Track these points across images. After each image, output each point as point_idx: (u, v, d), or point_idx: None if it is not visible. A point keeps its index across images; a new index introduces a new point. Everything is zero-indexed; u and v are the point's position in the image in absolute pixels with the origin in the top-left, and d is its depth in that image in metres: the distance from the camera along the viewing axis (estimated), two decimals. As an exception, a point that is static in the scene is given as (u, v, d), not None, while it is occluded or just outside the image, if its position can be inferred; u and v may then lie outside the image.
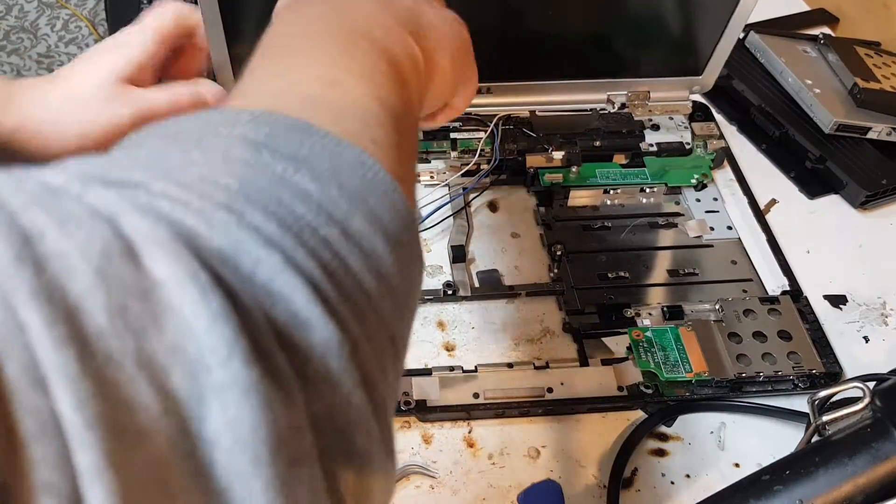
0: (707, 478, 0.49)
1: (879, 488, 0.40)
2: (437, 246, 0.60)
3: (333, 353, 0.18)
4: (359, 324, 0.19)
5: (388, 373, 0.21)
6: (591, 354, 0.54)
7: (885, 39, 0.79)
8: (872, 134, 0.67)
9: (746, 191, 0.66)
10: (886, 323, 0.58)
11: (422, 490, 0.47)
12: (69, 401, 0.14)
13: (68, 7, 1.67)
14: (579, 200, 0.63)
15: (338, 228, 0.19)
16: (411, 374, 0.52)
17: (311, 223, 0.19)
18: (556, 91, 0.63)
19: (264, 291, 0.17)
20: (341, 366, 0.18)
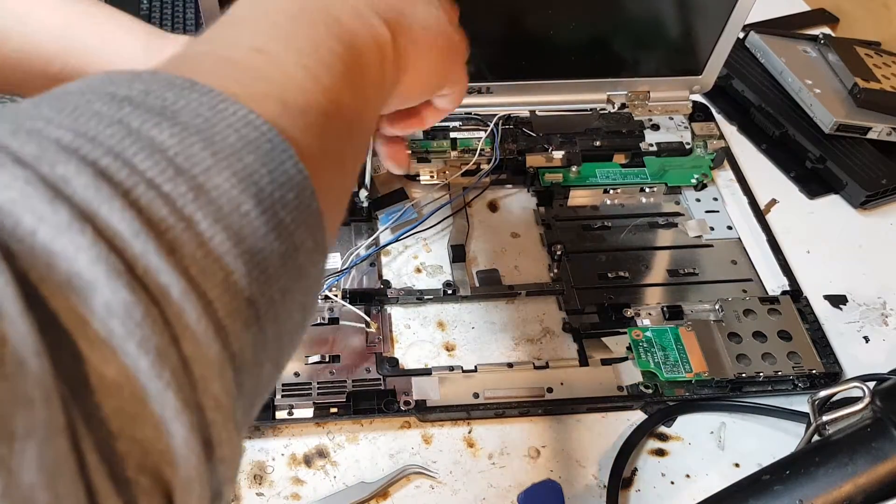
0: (707, 478, 0.49)
1: (879, 488, 0.40)
2: (436, 246, 0.60)
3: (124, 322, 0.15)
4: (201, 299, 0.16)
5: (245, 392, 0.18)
6: (590, 354, 0.54)
7: (885, 39, 0.79)
8: (872, 134, 0.67)
9: (746, 191, 0.66)
10: (886, 323, 0.58)
11: (422, 490, 0.47)
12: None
13: (68, 7, 1.67)
14: (579, 200, 0.63)
15: (188, 184, 0.17)
16: (411, 374, 0.52)
17: (155, 179, 0.17)
18: (556, 91, 0.63)
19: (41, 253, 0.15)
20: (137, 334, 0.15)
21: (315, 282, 0.21)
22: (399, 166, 0.42)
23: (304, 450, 0.48)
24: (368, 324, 0.53)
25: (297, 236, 0.20)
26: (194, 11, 0.81)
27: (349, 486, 0.47)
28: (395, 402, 0.50)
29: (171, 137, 0.18)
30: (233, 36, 0.23)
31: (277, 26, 0.24)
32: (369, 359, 0.52)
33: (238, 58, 0.22)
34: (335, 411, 0.49)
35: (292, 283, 0.20)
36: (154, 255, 0.16)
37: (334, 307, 0.54)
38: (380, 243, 0.58)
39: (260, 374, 0.19)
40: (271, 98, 0.21)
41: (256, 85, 0.21)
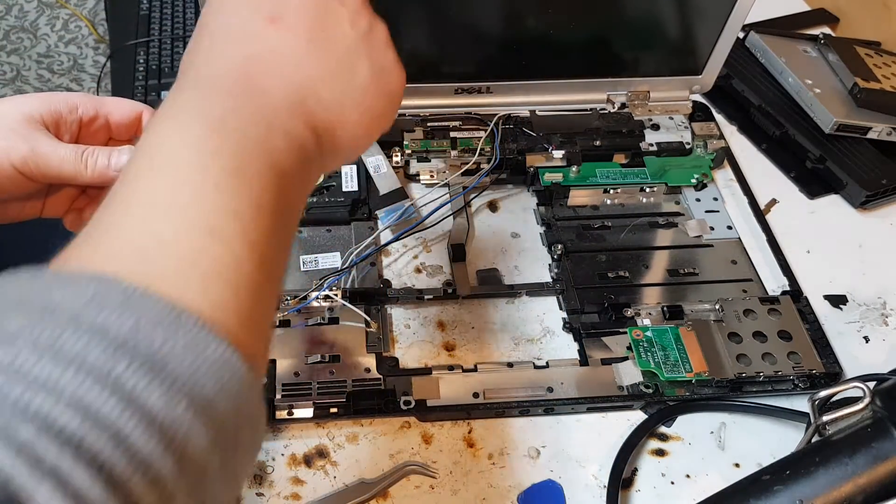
0: (707, 478, 0.49)
1: (879, 488, 0.40)
2: (437, 246, 0.60)
3: None
4: None
5: None
6: (590, 354, 0.54)
7: (885, 39, 0.79)
8: (872, 134, 0.67)
9: (746, 191, 0.66)
10: (886, 323, 0.58)
11: (422, 490, 0.47)
12: None
13: (68, 7, 1.67)
14: (579, 200, 0.63)
15: (173, 459, 0.20)
16: (411, 373, 0.52)
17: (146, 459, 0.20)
18: (556, 91, 0.63)
19: None
20: None
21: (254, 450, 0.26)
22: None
23: (303, 450, 0.48)
24: (368, 323, 0.53)
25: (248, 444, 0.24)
26: (194, 11, 0.81)
27: (349, 485, 0.47)
28: (395, 402, 0.50)
29: (160, 399, 0.20)
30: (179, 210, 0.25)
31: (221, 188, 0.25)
32: (369, 359, 0.52)
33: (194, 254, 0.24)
34: (335, 411, 0.49)
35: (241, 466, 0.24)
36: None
37: (334, 307, 0.54)
38: (380, 243, 0.58)
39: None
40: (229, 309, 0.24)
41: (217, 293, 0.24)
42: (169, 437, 0.20)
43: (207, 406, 0.21)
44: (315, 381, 0.50)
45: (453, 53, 0.61)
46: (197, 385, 0.21)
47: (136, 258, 0.23)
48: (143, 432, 0.20)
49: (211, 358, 0.22)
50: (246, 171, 0.26)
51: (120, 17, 0.82)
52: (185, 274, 0.23)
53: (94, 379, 0.20)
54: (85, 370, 0.20)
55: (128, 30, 0.80)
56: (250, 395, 0.23)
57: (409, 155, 0.62)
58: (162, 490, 0.20)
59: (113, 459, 0.19)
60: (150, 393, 0.20)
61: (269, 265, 0.26)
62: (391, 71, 0.34)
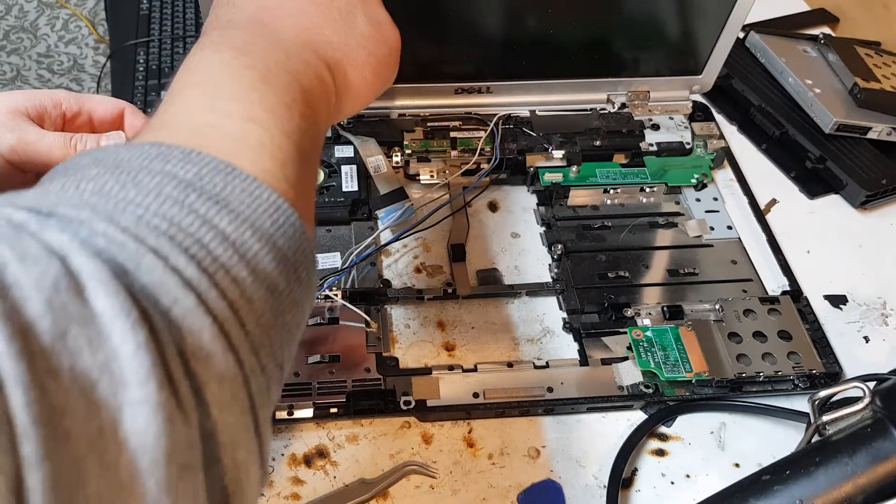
0: (707, 478, 0.49)
1: (879, 488, 0.40)
2: (437, 245, 0.60)
3: (228, 381, 0.22)
4: (254, 355, 0.23)
5: (272, 395, 0.25)
6: (590, 354, 0.54)
7: (885, 39, 0.79)
8: (872, 134, 0.67)
9: (746, 191, 0.66)
10: (886, 323, 0.58)
11: (422, 490, 0.47)
12: (20, 401, 0.17)
13: (68, 7, 1.67)
14: (579, 200, 0.63)
15: (248, 269, 0.23)
16: (411, 373, 0.52)
17: (226, 264, 0.23)
18: (556, 91, 0.63)
19: (178, 326, 0.21)
20: (234, 393, 0.22)
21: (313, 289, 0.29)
22: None
23: (303, 450, 0.48)
24: (368, 323, 0.53)
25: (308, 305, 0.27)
26: (194, 11, 0.81)
27: (349, 485, 0.47)
28: (395, 402, 0.50)
29: (229, 224, 0.23)
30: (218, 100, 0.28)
31: (255, 91, 0.29)
32: (369, 359, 0.52)
33: (240, 133, 0.27)
34: (335, 411, 0.49)
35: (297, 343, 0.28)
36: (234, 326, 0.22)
37: (334, 307, 0.54)
38: (380, 243, 0.58)
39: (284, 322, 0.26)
40: (278, 176, 0.26)
41: (265, 162, 0.26)
42: (241, 253, 0.23)
43: (269, 238, 0.24)
44: (315, 382, 0.50)
45: (453, 53, 0.61)
46: (257, 221, 0.24)
47: (189, 136, 0.26)
48: (219, 244, 0.23)
49: (266, 202, 0.25)
50: (274, 81, 0.29)
51: (120, 17, 0.82)
52: (233, 146, 0.26)
53: (171, 202, 0.23)
54: (163, 197, 0.23)
55: (128, 30, 0.80)
56: (303, 239, 0.26)
57: (409, 155, 0.62)
58: (242, 291, 0.23)
59: (200, 255, 0.22)
60: (220, 219, 0.23)
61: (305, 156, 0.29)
62: (386, 25, 0.39)
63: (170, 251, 0.21)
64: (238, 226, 0.23)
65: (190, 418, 0.20)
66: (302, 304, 0.27)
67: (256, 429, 0.23)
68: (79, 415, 0.18)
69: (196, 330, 0.21)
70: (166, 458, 0.19)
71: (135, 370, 0.19)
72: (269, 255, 0.24)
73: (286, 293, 0.25)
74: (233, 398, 0.22)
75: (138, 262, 0.21)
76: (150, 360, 0.19)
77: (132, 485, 0.19)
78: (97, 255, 0.20)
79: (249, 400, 0.23)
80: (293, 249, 0.25)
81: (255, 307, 0.23)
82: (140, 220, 0.22)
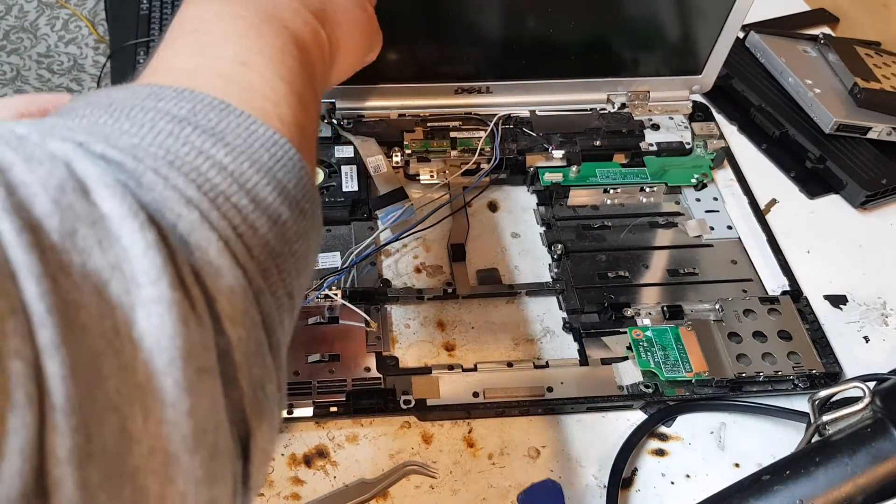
0: (707, 478, 0.49)
1: (879, 488, 0.40)
2: (436, 245, 0.60)
3: (238, 296, 0.21)
4: (263, 277, 0.23)
5: (285, 322, 0.25)
6: (590, 354, 0.54)
7: (885, 39, 0.79)
8: (872, 134, 0.67)
9: (746, 191, 0.66)
10: (886, 323, 0.58)
11: (422, 490, 0.47)
12: (34, 291, 0.17)
13: (68, 7, 1.67)
14: (579, 200, 0.63)
15: (248, 197, 0.23)
16: (411, 373, 0.52)
17: (225, 191, 0.22)
18: (556, 91, 0.63)
19: (185, 240, 0.21)
20: (245, 309, 0.22)
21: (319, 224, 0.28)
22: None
23: (303, 450, 0.48)
24: (368, 323, 0.53)
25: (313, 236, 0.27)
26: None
27: (349, 485, 0.47)
28: (395, 402, 0.50)
29: (226, 156, 0.23)
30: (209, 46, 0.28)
31: (246, 37, 0.29)
32: (369, 358, 0.52)
33: (232, 74, 0.27)
34: (335, 410, 0.49)
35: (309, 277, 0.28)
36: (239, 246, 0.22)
37: (334, 306, 0.53)
38: (380, 243, 0.58)
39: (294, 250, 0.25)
40: (272, 115, 0.26)
41: (258, 102, 0.26)
42: (240, 183, 0.23)
43: (268, 171, 0.24)
44: (315, 381, 0.50)
45: (453, 53, 0.61)
46: (255, 154, 0.24)
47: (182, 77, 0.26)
48: (217, 173, 0.22)
49: (263, 137, 0.24)
50: (264, 27, 0.30)
51: (120, 17, 0.82)
52: (226, 87, 0.26)
53: (166, 134, 0.22)
54: (157, 129, 0.22)
55: (128, 30, 0.79)
56: (303, 173, 0.26)
57: (409, 155, 0.62)
58: (244, 217, 0.22)
59: (199, 180, 0.22)
60: (216, 150, 0.23)
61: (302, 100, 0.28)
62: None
63: (168, 171, 0.21)
64: (235, 157, 0.23)
65: (204, 323, 0.20)
66: (308, 236, 0.26)
67: (271, 347, 0.23)
68: (93, 311, 0.18)
69: (203, 245, 0.21)
70: (183, 358, 0.19)
71: (146, 269, 0.19)
72: (270, 187, 0.24)
73: (290, 224, 0.25)
74: (244, 314, 0.22)
75: (138, 179, 0.21)
76: (161, 260, 0.19)
77: (150, 385, 0.19)
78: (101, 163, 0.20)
79: (261, 316, 0.22)
80: (294, 183, 0.25)
81: (258, 233, 0.23)
82: (136, 146, 0.22)
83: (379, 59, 0.58)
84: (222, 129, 0.24)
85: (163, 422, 0.19)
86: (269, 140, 0.25)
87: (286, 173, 0.25)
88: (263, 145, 0.24)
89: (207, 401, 0.20)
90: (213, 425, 0.20)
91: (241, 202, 0.23)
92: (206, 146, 0.23)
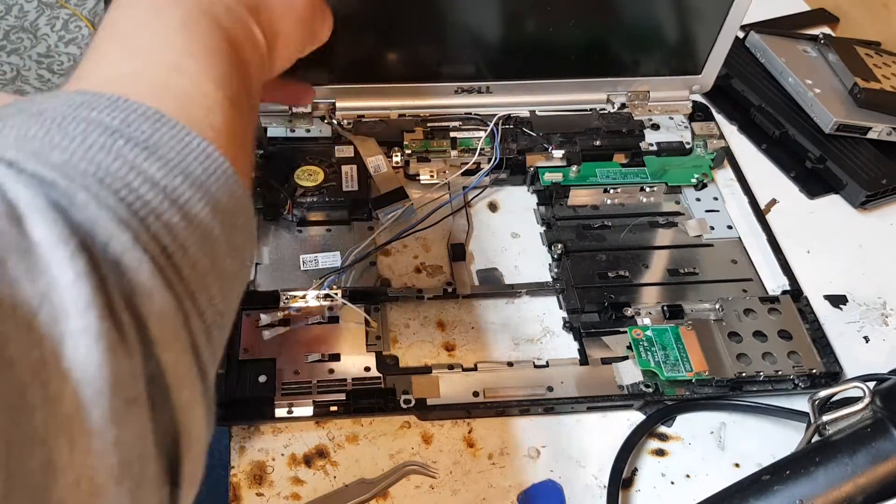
0: (707, 478, 0.49)
1: (879, 488, 0.40)
2: (437, 245, 0.60)
3: (169, 320, 0.22)
4: (191, 299, 0.23)
5: (214, 341, 0.25)
6: (591, 354, 0.54)
7: (885, 39, 0.79)
8: (872, 134, 0.67)
9: (746, 190, 0.66)
10: (886, 323, 0.58)
11: (422, 490, 0.47)
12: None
13: (68, 7, 1.67)
14: (579, 199, 0.63)
15: (180, 214, 0.23)
16: (411, 373, 0.52)
17: (156, 209, 0.22)
18: (556, 91, 0.63)
19: (117, 261, 0.21)
20: (175, 332, 0.22)
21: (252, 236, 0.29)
22: (303, 102, 0.52)
23: (304, 450, 0.48)
24: (368, 323, 0.53)
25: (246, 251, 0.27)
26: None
27: (349, 485, 0.47)
28: (395, 401, 0.50)
29: (159, 171, 0.23)
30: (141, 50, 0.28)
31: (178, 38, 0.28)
32: (369, 358, 0.52)
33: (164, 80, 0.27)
34: (335, 410, 0.49)
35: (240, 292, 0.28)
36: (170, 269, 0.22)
37: (334, 306, 0.54)
38: (380, 243, 0.58)
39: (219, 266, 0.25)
40: (205, 123, 0.26)
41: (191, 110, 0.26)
42: (172, 199, 0.23)
43: (201, 185, 0.24)
44: (315, 380, 0.50)
45: (453, 53, 0.61)
46: (188, 167, 0.24)
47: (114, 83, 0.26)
48: (149, 189, 0.22)
49: (197, 150, 0.24)
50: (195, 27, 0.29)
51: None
52: (159, 95, 0.26)
53: (98, 147, 0.22)
54: (89, 142, 0.22)
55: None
56: (237, 186, 0.26)
57: (409, 155, 0.62)
58: (174, 236, 0.22)
59: (130, 198, 0.22)
60: (149, 164, 0.23)
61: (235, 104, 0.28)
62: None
63: (99, 190, 0.21)
64: (168, 172, 0.23)
65: (133, 352, 0.20)
66: (241, 250, 0.26)
67: (200, 369, 0.23)
68: (21, 343, 0.18)
69: (134, 266, 0.21)
70: (111, 388, 0.19)
71: (74, 299, 0.19)
72: (202, 202, 0.24)
73: (222, 240, 0.24)
74: (174, 337, 0.22)
75: (71, 198, 0.20)
76: (89, 289, 0.19)
77: (77, 415, 0.19)
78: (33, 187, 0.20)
79: (190, 339, 0.22)
80: (227, 196, 0.25)
81: (188, 253, 0.23)
82: (67, 162, 0.21)
83: (379, 59, 0.58)
84: (155, 142, 0.23)
85: (90, 452, 0.19)
86: (203, 152, 0.24)
87: (219, 186, 0.25)
88: (196, 158, 0.24)
89: (134, 430, 0.20)
90: (140, 454, 0.20)
91: (173, 220, 0.23)
92: (138, 160, 0.22)
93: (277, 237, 0.58)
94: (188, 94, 0.26)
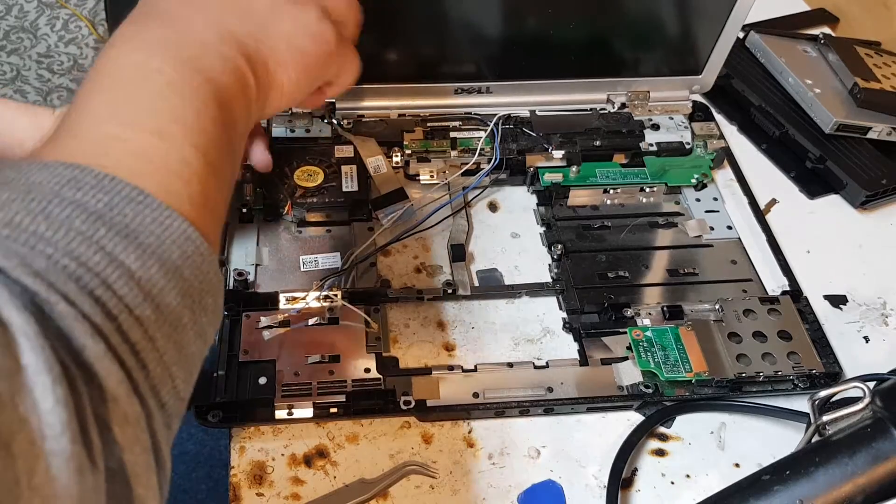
0: (707, 478, 0.49)
1: (879, 488, 0.40)
2: (437, 245, 0.60)
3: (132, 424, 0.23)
4: (155, 397, 0.25)
5: (173, 428, 0.26)
6: (590, 354, 0.54)
7: (885, 39, 0.79)
8: (872, 134, 0.67)
9: (746, 191, 0.66)
10: (886, 323, 0.58)
11: (422, 490, 0.47)
12: None
13: (68, 7, 1.67)
14: (579, 200, 0.63)
15: (152, 307, 0.24)
16: (411, 373, 0.52)
17: (130, 304, 0.24)
18: (556, 91, 0.63)
19: (89, 370, 0.22)
20: (136, 435, 0.24)
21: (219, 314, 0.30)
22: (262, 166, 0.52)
23: (304, 450, 0.48)
24: (368, 323, 0.53)
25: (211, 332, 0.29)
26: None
27: (349, 485, 0.47)
28: (395, 402, 0.50)
29: (136, 261, 0.24)
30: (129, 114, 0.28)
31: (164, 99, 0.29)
32: (369, 359, 0.52)
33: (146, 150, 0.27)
34: (335, 411, 0.49)
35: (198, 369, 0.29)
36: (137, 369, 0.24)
37: (334, 307, 0.53)
38: (380, 243, 0.58)
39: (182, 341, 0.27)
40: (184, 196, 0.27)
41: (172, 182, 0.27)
42: (146, 291, 0.24)
43: (175, 271, 0.25)
44: (315, 381, 0.50)
45: (453, 53, 0.61)
46: (165, 253, 0.25)
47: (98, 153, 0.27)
48: (124, 283, 0.24)
49: (176, 232, 0.26)
50: (183, 87, 0.30)
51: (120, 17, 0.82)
52: (141, 167, 0.27)
53: (80, 238, 0.24)
54: (73, 231, 0.24)
55: (128, 30, 0.79)
56: (210, 266, 0.27)
57: (409, 155, 0.62)
58: (145, 330, 0.24)
59: (105, 297, 0.23)
60: (127, 255, 0.24)
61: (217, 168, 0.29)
62: (316, 21, 0.38)
63: (76, 296, 0.23)
64: (145, 261, 0.25)
65: (98, 464, 0.22)
66: (206, 334, 0.28)
67: (157, 463, 0.25)
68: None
69: (104, 375, 0.23)
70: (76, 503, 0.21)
71: (52, 423, 0.21)
72: (175, 290, 0.25)
73: (190, 325, 0.26)
74: (135, 439, 0.23)
75: (51, 308, 0.22)
76: (66, 415, 0.21)
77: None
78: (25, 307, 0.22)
79: (152, 439, 0.24)
80: (199, 279, 0.26)
81: (157, 345, 0.25)
82: (50, 260, 0.23)
83: (379, 59, 0.58)
84: (136, 227, 0.25)
85: None
86: (182, 235, 0.26)
87: (193, 269, 0.26)
88: (175, 241, 0.26)
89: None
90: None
91: (145, 314, 0.24)
92: (117, 250, 0.24)
93: (277, 238, 0.58)
94: (168, 165, 0.27)
